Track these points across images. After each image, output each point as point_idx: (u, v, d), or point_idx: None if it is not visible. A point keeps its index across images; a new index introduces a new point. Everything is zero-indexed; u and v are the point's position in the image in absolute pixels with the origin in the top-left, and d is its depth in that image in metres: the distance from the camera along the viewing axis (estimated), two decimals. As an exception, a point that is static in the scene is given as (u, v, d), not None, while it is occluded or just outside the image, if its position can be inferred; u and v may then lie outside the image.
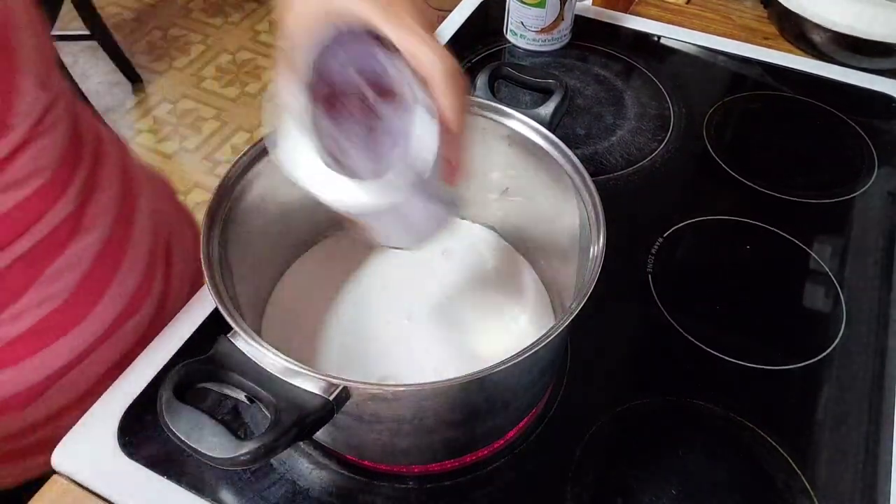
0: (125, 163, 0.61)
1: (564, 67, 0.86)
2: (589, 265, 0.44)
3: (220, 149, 2.02)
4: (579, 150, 0.75)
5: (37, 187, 0.49)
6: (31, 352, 0.52)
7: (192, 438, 0.36)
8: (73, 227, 0.53)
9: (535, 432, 0.54)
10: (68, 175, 0.52)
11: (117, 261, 0.57)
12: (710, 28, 0.93)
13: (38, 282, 0.51)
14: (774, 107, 0.82)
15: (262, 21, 2.46)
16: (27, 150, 0.48)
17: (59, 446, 0.51)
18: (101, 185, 0.56)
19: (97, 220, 0.55)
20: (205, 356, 0.39)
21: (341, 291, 0.58)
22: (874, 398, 0.57)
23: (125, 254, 0.57)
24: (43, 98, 0.49)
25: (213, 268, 0.44)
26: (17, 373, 0.52)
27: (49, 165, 0.50)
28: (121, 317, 0.57)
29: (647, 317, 0.61)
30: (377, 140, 0.41)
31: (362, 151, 0.41)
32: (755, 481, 0.51)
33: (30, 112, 0.48)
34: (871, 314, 0.62)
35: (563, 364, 0.57)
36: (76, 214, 0.53)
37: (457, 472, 0.51)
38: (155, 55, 2.33)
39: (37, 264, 0.51)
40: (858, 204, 0.71)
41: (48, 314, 0.52)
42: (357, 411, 0.42)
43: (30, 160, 0.48)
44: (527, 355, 0.39)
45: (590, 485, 0.51)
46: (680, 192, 0.73)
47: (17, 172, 0.47)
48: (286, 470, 0.51)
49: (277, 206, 0.54)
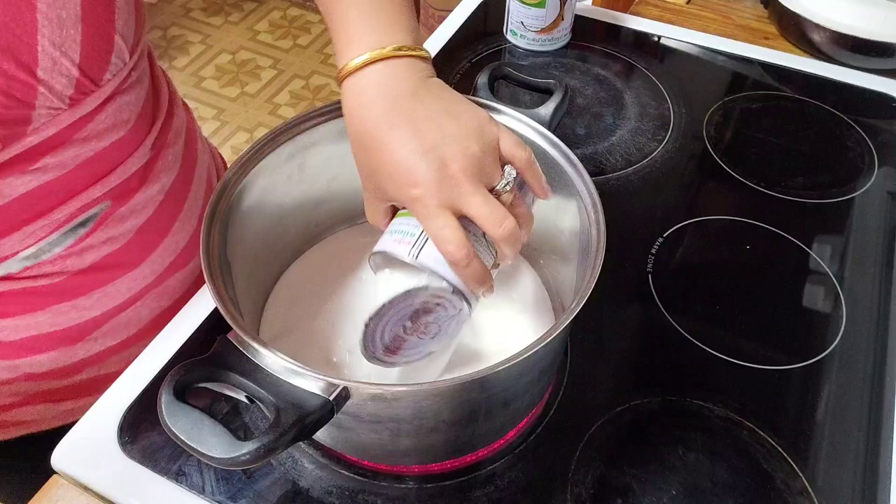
0: (189, 124, 0.65)
1: (564, 67, 0.86)
2: (589, 265, 0.44)
3: (220, 149, 2.02)
4: (579, 150, 0.75)
5: (115, 140, 0.52)
6: (91, 287, 0.56)
7: (192, 438, 0.36)
8: (142, 178, 0.56)
9: (535, 432, 0.54)
10: (144, 130, 0.56)
11: (174, 214, 0.60)
12: (710, 28, 0.93)
13: (106, 223, 0.54)
14: (774, 107, 0.82)
15: (261, 21, 2.46)
16: (110, 106, 0.51)
17: (59, 446, 0.51)
18: (169, 140, 0.59)
19: (162, 175, 0.58)
20: (205, 356, 0.39)
21: (340, 291, 0.58)
22: (874, 398, 0.57)
23: (181, 208, 0.61)
24: (131, 58, 0.51)
25: (213, 268, 0.44)
26: (75, 308, 0.56)
27: (129, 120, 0.53)
28: (170, 268, 0.61)
29: (647, 317, 0.61)
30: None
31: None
32: (755, 481, 0.51)
33: (118, 72, 0.50)
34: (871, 314, 0.62)
35: (563, 364, 0.57)
36: (147, 166, 0.56)
37: (457, 472, 0.51)
38: (154, 55, 2.32)
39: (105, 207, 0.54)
40: (858, 204, 0.71)
41: (110, 254, 0.56)
42: (357, 411, 0.42)
43: (111, 115, 0.51)
44: (527, 355, 0.39)
45: (590, 485, 0.51)
46: (680, 192, 0.73)
47: (98, 126, 0.50)
48: (286, 470, 0.51)
49: (277, 207, 0.54)
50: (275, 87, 2.21)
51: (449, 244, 0.41)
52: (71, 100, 0.47)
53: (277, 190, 0.53)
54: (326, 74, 2.25)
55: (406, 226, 0.44)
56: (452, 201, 0.41)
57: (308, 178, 0.55)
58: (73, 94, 0.47)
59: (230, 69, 2.27)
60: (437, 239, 0.41)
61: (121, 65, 0.50)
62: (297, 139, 0.52)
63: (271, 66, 2.28)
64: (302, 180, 0.55)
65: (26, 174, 0.48)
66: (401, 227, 0.44)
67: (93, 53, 0.47)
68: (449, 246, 0.41)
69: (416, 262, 0.43)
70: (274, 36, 2.40)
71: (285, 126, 0.52)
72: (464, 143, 0.42)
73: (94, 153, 0.51)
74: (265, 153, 0.51)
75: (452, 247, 0.41)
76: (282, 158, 0.52)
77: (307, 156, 0.54)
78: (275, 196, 0.53)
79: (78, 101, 0.48)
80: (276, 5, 2.52)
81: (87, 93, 0.48)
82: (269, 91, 2.20)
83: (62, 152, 0.49)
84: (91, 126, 0.50)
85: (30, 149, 0.47)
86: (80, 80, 0.47)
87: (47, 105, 0.46)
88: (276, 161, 0.52)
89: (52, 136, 0.47)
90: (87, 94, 0.48)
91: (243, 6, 2.52)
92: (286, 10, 2.50)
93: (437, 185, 0.40)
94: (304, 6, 2.51)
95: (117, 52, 0.49)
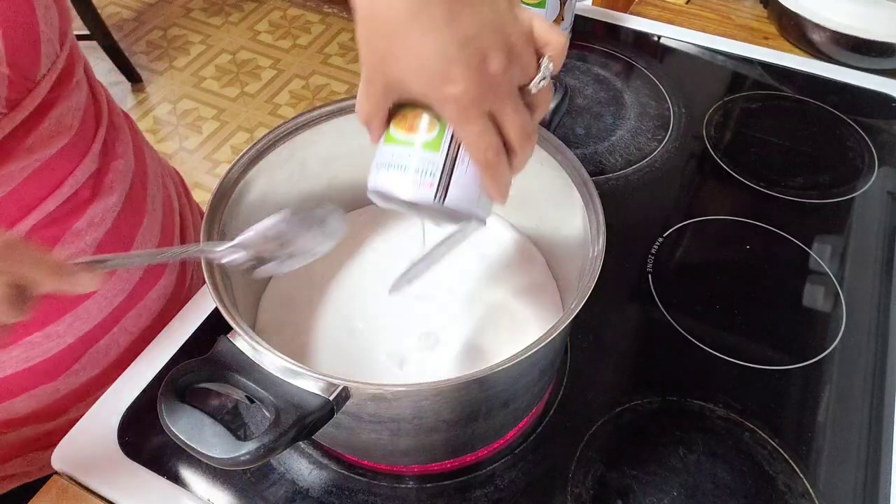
0: (136, 136, 0.64)
1: (564, 67, 0.86)
2: (588, 265, 0.44)
3: (220, 149, 2.03)
4: (579, 150, 0.75)
5: (61, 147, 0.51)
6: (60, 312, 0.53)
7: (192, 438, 0.36)
8: (94, 189, 0.54)
9: (535, 432, 0.54)
10: (90, 135, 0.54)
11: (134, 226, 0.59)
12: (710, 28, 0.93)
13: (63, 241, 0.52)
14: (774, 107, 0.82)
15: (261, 21, 2.46)
16: (53, 112, 0.49)
17: (59, 446, 0.51)
18: (116, 151, 0.58)
19: (115, 185, 0.56)
20: (205, 356, 0.39)
21: (337, 288, 0.58)
22: (874, 398, 0.56)
23: (141, 221, 0.60)
24: (63, 55, 0.50)
25: (213, 267, 0.44)
26: (47, 337, 0.53)
27: (72, 126, 0.52)
28: (140, 285, 0.58)
29: (647, 317, 0.61)
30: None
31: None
32: (755, 481, 0.51)
33: (52, 66, 0.49)
34: (871, 314, 0.62)
35: (563, 364, 0.57)
36: (97, 175, 0.55)
37: (457, 472, 0.51)
38: (155, 55, 2.33)
39: (61, 223, 0.52)
40: (858, 204, 0.71)
41: None
42: (357, 411, 0.42)
43: (55, 120, 0.50)
44: (527, 355, 0.39)
45: (590, 485, 0.51)
46: (680, 192, 0.73)
47: (42, 134, 0.49)
48: (286, 470, 0.51)
49: (277, 206, 0.54)
50: (275, 87, 2.20)
51: (489, 150, 0.37)
52: (9, 101, 0.45)
53: (278, 189, 0.53)
54: (326, 74, 2.25)
55: (415, 158, 0.39)
56: (490, 104, 0.36)
57: (308, 177, 0.55)
58: (8, 94, 0.45)
59: (230, 69, 2.27)
60: (475, 146, 0.37)
61: (53, 56, 0.48)
62: (297, 139, 0.52)
63: (271, 66, 2.28)
64: (302, 180, 0.55)
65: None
66: (410, 160, 0.39)
67: (19, 46, 0.45)
68: (489, 153, 0.37)
69: (443, 207, 0.39)
70: (274, 36, 2.40)
71: (285, 126, 0.52)
72: (503, 33, 0.36)
73: (40, 164, 0.49)
74: (265, 153, 0.51)
75: (492, 153, 0.37)
76: (282, 158, 0.52)
77: (307, 155, 0.54)
78: (275, 195, 0.53)
79: (16, 102, 0.46)
80: (276, 5, 2.52)
81: (24, 92, 0.46)
82: (269, 91, 2.20)
83: (9, 164, 0.47)
84: (36, 134, 0.48)
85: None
86: (12, 78, 0.45)
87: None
88: (277, 161, 0.52)
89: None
90: (25, 93, 0.46)
91: (243, 6, 2.52)
92: (286, 10, 2.50)
93: (476, 84, 0.35)
94: (304, 6, 2.51)
95: (45, 42, 0.47)
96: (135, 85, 2.21)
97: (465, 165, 0.39)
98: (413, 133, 0.39)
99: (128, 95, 2.19)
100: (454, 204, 0.39)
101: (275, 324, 0.55)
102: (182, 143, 2.04)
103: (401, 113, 0.40)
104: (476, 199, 0.40)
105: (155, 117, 2.12)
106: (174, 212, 0.67)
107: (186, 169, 1.95)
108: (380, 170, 0.40)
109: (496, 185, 0.39)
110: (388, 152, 0.40)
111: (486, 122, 0.36)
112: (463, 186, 0.39)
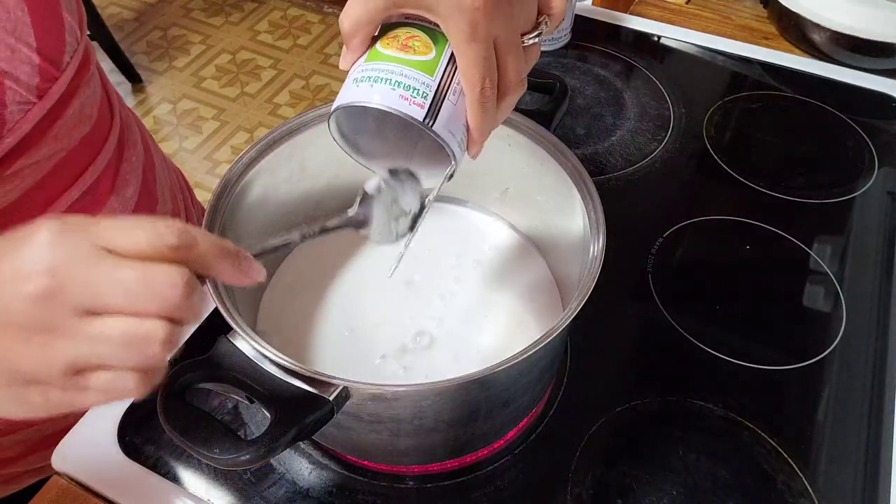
0: (142, 130, 0.65)
1: (564, 67, 0.86)
2: (588, 265, 0.44)
3: (220, 149, 2.03)
4: (579, 150, 0.75)
5: (83, 136, 0.52)
6: None
7: (192, 438, 0.36)
8: (113, 179, 0.56)
9: (535, 432, 0.54)
10: (106, 127, 0.56)
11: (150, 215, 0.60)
12: (710, 28, 0.93)
13: None
14: (774, 107, 0.82)
15: (261, 21, 2.46)
16: (76, 98, 0.50)
17: (59, 446, 0.51)
18: (129, 143, 0.59)
19: (130, 176, 0.58)
20: (205, 356, 0.39)
21: (337, 288, 0.58)
22: (874, 398, 0.56)
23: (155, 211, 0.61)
24: (82, 43, 0.51)
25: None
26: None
27: (92, 115, 0.53)
28: None
29: (647, 317, 0.61)
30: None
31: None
32: (755, 481, 0.51)
33: (75, 53, 0.50)
34: (871, 314, 0.62)
35: (563, 364, 0.57)
36: (115, 166, 0.56)
37: (457, 472, 0.51)
38: (155, 55, 2.33)
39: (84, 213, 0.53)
40: (858, 204, 0.71)
41: None
42: (357, 411, 0.42)
43: (78, 109, 0.51)
44: (527, 355, 0.39)
45: (590, 485, 0.51)
46: (680, 192, 0.73)
47: (67, 122, 0.50)
48: (286, 470, 0.51)
49: (277, 206, 0.54)
50: (275, 87, 2.21)
51: (486, 79, 0.36)
52: (38, 90, 0.46)
53: (278, 189, 0.53)
54: (326, 74, 2.25)
55: (407, 77, 0.36)
56: (499, 30, 0.35)
57: (309, 177, 0.55)
58: (38, 82, 0.46)
59: (230, 69, 2.27)
60: (473, 69, 0.35)
61: (75, 44, 0.50)
62: (297, 139, 0.52)
63: (271, 66, 2.28)
64: (302, 180, 0.55)
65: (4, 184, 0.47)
66: (401, 77, 0.36)
67: (47, 34, 0.46)
68: (486, 82, 0.36)
69: (431, 132, 0.36)
70: (274, 36, 2.40)
71: (285, 126, 0.52)
72: None
73: (66, 152, 0.51)
74: (265, 153, 0.51)
75: (489, 84, 0.36)
76: (282, 158, 0.52)
77: (307, 155, 0.54)
78: (276, 195, 0.53)
79: (45, 90, 0.47)
80: (276, 5, 2.52)
81: (52, 80, 0.47)
82: (269, 91, 2.20)
83: (37, 152, 0.48)
84: (61, 122, 0.49)
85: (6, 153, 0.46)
86: (42, 66, 0.46)
87: (17, 100, 0.45)
88: (277, 161, 0.52)
89: (27, 135, 0.46)
90: (52, 81, 0.48)
91: (243, 6, 2.52)
92: (286, 10, 2.50)
93: (494, 7, 0.34)
94: (304, 6, 2.51)
95: (69, 30, 0.48)
96: (135, 85, 2.21)
97: (457, 96, 0.37)
98: (406, 52, 0.36)
99: (128, 95, 2.19)
100: (440, 130, 0.36)
101: (275, 324, 0.55)
102: (182, 143, 2.04)
103: (391, 33, 0.37)
104: (457, 138, 0.37)
105: (155, 117, 2.12)
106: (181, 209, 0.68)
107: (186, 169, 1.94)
108: (360, 84, 0.36)
109: (482, 122, 0.37)
110: (373, 67, 0.36)
111: (491, 49, 0.35)
112: (448, 119, 0.36)
